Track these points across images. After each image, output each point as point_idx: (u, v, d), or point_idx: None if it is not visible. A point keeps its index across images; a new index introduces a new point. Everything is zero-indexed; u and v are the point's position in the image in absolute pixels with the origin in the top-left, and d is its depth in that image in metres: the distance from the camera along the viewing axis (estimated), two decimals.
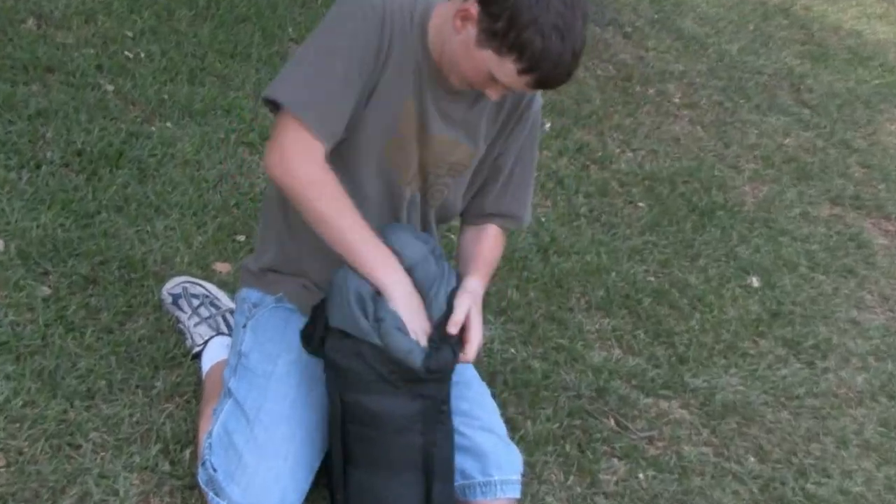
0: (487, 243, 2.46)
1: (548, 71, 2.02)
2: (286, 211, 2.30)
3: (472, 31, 2.05)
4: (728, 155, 4.96)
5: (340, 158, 2.15)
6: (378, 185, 2.24)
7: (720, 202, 4.39)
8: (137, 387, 2.46)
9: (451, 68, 2.14)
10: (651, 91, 5.43)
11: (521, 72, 2.02)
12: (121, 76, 3.70)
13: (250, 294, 2.39)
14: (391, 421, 2.11)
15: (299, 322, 2.29)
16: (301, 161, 2.05)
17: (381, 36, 2.10)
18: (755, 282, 3.87)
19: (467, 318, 2.20)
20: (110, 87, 3.61)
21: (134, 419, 2.37)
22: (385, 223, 2.28)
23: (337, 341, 2.13)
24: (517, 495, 2.36)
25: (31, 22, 3.82)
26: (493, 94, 2.13)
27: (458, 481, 2.33)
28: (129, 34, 3.98)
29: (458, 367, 2.41)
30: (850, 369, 3.48)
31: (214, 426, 2.23)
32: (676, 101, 5.42)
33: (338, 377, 2.14)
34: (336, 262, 2.14)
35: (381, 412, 2.10)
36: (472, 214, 2.45)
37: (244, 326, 2.35)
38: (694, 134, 5.08)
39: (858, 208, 4.76)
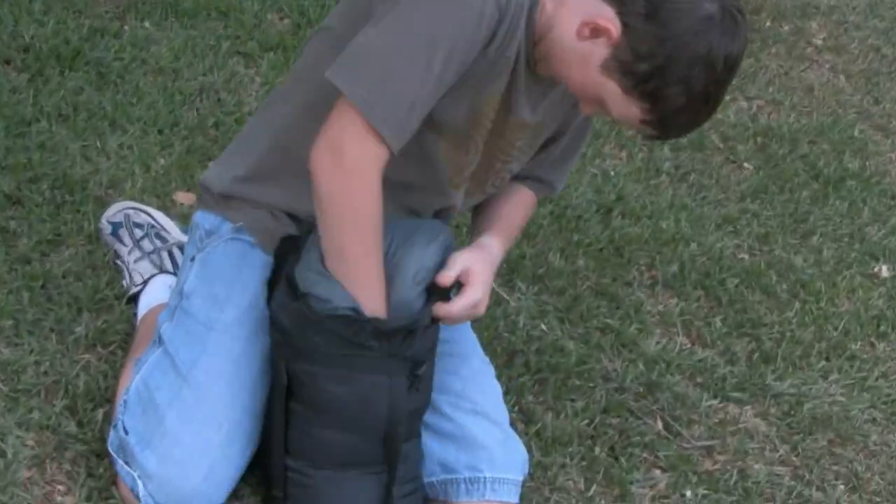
0: (515, 204, 2.49)
1: (673, 130, 2.14)
2: (305, 119, 2.25)
3: (602, 50, 2.07)
4: (876, 113, 4.84)
5: None
6: (421, 181, 2.27)
7: (854, 170, 4.30)
8: (52, 330, 2.49)
9: (548, 60, 2.15)
10: (785, 28, 5.33)
11: (645, 122, 2.09)
12: None
13: (204, 219, 2.40)
14: (351, 407, 2.12)
15: (259, 260, 2.30)
16: (360, 180, 2.05)
17: (493, 34, 2.09)
18: (885, 270, 3.78)
19: (468, 274, 2.21)
20: None
21: (41, 369, 2.40)
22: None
23: (285, 297, 2.13)
24: (514, 500, 2.34)
25: None
26: (586, 111, 2.21)
27: (439, 476, 2.33)
28: None
29: (454, 337, 2.40)
30: None
31: (134, 379, 2.25)
32: (818, 42, 5.32)
33: (285, 342, 2.14)
34: None
35: (340, 394, 2.10)
36: None
37: (192, 260, 2.37)
38: (834, 84, 4.98)
39: None
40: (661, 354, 3.05)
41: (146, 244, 2.69)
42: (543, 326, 3.01)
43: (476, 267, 2.24)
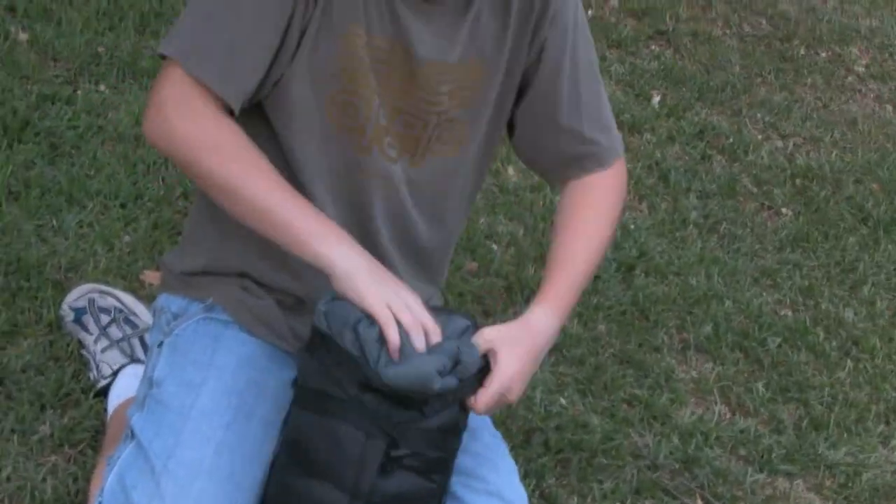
0: (573, 227, 2.44)
1: None
2: None
3: None
4: None
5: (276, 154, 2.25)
6: (321, 163, 2.32)
7: None
8: (13, 431, 2.56)
9: None
10: (822, 55, 5.45)
11: None
12: (41, 21, 3.87)
13: (170, 302, 2.48)
14: (321, 450, 2.17)
15: (236, 338, 2.37)
16: (186, 116, 2.16)
17: None
18: None
19: (493, 354, 2.24)
20: (24, 36, 3.79)
21: (3, 474, 2.47)
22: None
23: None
24: None
25: None
26: None
27: None
28: None
29: None
30: None
31: (108, 479, 2.31)
32: (860, 69, 5.43)
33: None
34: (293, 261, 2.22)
35: (312, 436, 2.18)
36: (552, 166, 2.49)
37: (160, 346, 2.45)
38: (881, 116, 5.09)
39: None
40: (698, 426, 3.12)
41: (114, 331, 2.78)
42: (563, 401, 3.08)
43: (502, 351, 2.27)
